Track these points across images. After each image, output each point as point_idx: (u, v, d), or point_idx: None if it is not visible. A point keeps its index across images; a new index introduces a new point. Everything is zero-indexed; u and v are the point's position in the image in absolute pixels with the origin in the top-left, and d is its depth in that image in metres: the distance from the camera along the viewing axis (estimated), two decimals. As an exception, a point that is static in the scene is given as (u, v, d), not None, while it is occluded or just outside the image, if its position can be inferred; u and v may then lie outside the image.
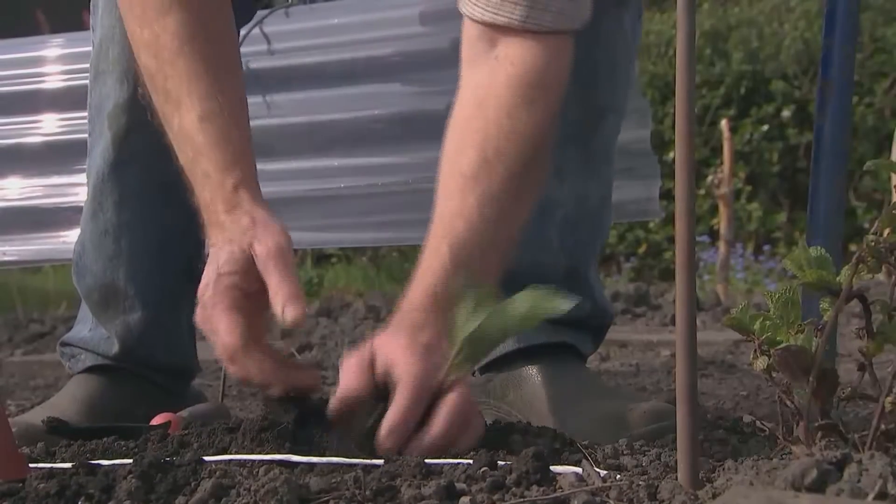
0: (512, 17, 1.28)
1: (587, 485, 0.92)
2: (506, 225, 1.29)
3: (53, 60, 2.21)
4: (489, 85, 1.31)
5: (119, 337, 1.58)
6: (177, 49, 1.27)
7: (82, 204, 2.12)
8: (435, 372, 1.15)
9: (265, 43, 2.09)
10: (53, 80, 2.21)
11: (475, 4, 1.31)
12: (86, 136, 2.13)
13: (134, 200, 1.57)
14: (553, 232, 1.52)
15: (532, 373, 1.49)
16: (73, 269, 1.64)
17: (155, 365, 1.60)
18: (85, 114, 2.13)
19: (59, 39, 2.24)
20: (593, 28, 1.38)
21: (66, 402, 1.52)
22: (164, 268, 1.60)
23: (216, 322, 1.18)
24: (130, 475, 0.96)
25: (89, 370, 1.59)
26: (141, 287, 1.58)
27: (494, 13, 1.29)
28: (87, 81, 2.15)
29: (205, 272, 1.23)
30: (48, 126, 2.20)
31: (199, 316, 1.21)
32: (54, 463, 1.15)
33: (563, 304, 1.14)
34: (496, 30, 1.30)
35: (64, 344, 1.65)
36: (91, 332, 1.61)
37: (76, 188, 2.15)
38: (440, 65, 2.04)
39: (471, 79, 1.34)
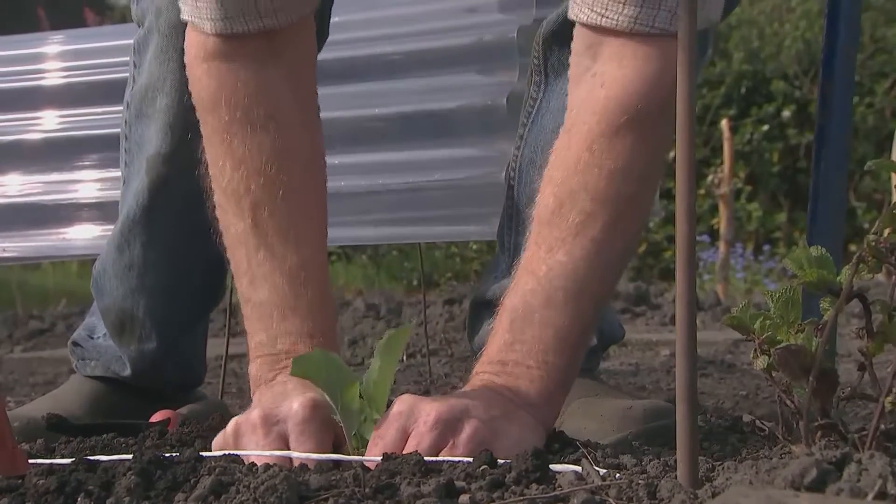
0: (619, 19, 1.11)
1: (586, 483, 0.92)
2: (583, 286, 1.12)
3: (54, 57, 2.21)
4: (579, 109, 1.15)
5: (132, 361, 1.58)
6: (273, 175, 1.19)
7: (82, 200, 2.13)
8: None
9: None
10: (53, 76, 2.20)
11: (582, 5, 1.15)
12: (85, 132, 2.14)
13: (162, 244, 1.56)
14: None
15: None
16: (93, 284, 1.63)
17: (164, 383, 1.61)
18: (85, 110, 2.15)
19: (59, 36, 2.24)
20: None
21: (71, 397, 1.52)
22: (184, 306, 1.60)
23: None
24: (130, 472, 0.96)
25: (94, 377, 1.59)
26: (159, 321, 1.58)
27: (601, 15, 1.12)
28: (87, 78, 2.16)
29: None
30: (48, 123, 2.20)
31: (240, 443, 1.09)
32: (54, 459, 1.15)
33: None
34: (601, 34, 1.14)
35: (76, 344, 1.64)
36: (106, 340, 1.61)
37: (76, 185, 2.15)
38: (441, 63, 2.04)
39: (571, 100, 1.18)
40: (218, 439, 1.12)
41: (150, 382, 1.59)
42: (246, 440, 1.08)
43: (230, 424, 1.10)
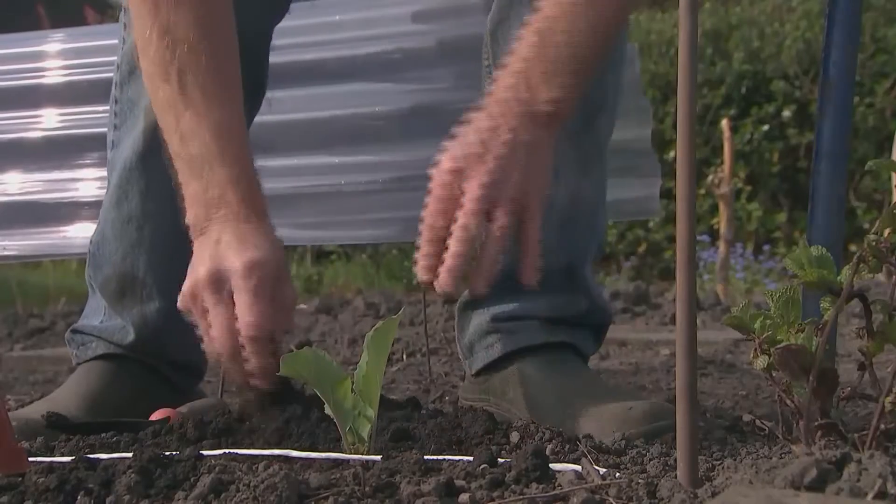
0: None
1: (586, 483, 0.92)
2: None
3: (54, 55, 2.21)
4: None
5: (135, 326, 1.58)
6: (195, 42, 1.32)
7: (83, 199, 2.13)
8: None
9: (266, 39, 2.08)
10: (54, 75, 2.20)
11: None
12: (85, 131, 2.14)
13: (160, 190, 1.57)
14: (549, 232, 1.51)
15: (531, 371, 1.48)
16: (89, 261, 1.64)
17: (167, 358, 1.61)
18: (85, 109, 2.15)
19: (59, 34, 2.24)
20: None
21: (67, 396, 1.52)
22: (185, 259, 1.60)
23: (237, 309, 1.24)
24: (130, 470, 0.96)
25: (97, 358, 1.59)
26: (161, 277, 1.58)
27: None
28: (88, 77, 2.16)
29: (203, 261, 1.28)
30: (48, 121, 2.20)
31: (198, 304, 1.28)
32: (54, 457, 1.15)
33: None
34: None
35: (75, 331, 1.64)
36: (104, 322, 1.62)
37: (76, 183, 2.15)
38: (441, 62, 2.04)
39: None
40: (181, 303, 1.30)
41: (153, 351, 1.59)
42: (204, 299, 1.27)
43: (186, 287, 1.29)
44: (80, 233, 2.12)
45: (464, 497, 0.89)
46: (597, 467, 1.00)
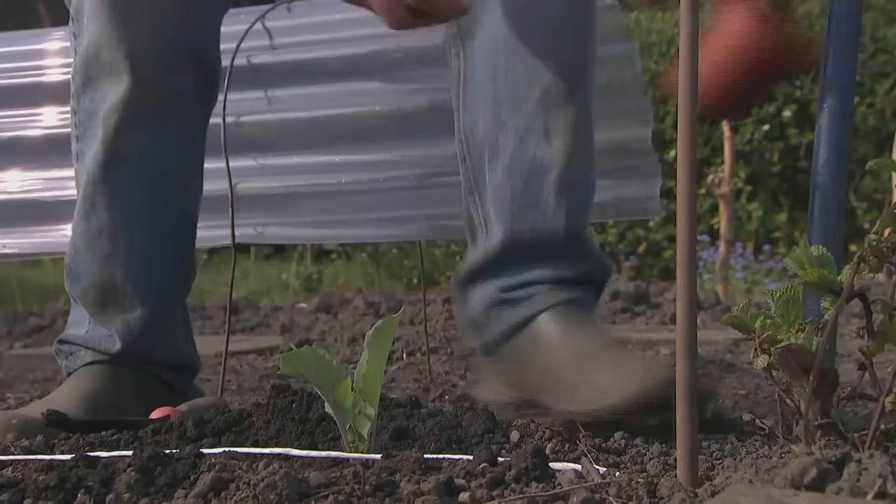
0: None
1: (586, 481, 0.92)
2: None
3: (54, 53, 2.21)
4: None
5: (120, 335, 1.58)
6: None
7: (83, 197, 2.13)
8: None
9: (267, 38, 2.09)
10: (54, 73, 2.21)
11: None
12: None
13: (126, 200, 1.58)
14: (549, 195, 1.51)
15: (549, 329, 1.45)
16: (66, 273, 1.64)
17: (155, 361, 1.61)
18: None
19: (59, 32, 2.24)
20: None
21: (66, 396, 1.52)
22: (160, 265, 1.61)
23: None
24: (130, 468, 0.96)
25: (89, 365, 1.59)
26: (139, 285, 1.58)
27: None
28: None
29: None
30: (49, 119, 2.20)
31: None
32: (54, 455, 1.15)
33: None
34: None
35: (62, 342, 1.64)
36: (89, 332, 1.61)
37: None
38: (442, 61, 2.04)
39: None
40: None
41: (142, 357, 1.58)
42: None
43: None
44: (81, 231, 2.12)
45: (464, 496, 0.89)
46: (597, 466, 1.00)
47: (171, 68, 1.56)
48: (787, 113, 7.48)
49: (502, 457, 1.03)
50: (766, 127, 7.49)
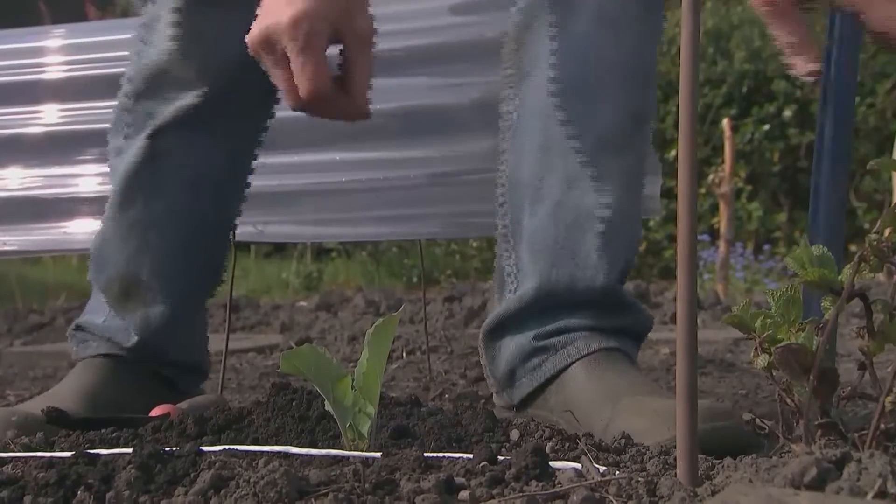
0: None
1: (586, 480, 0.92)
2: None
3: (55, 51, 2.21)
4: None
5: (138, 329, 1.58)
6: None
7: (83, 194, 2.13)
8: None
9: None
10: (54, 70, 2.20)
11: None
12: (86, 126, 2.14)
13: (163, 196, 1.58)
14: (592, 245, 1.44)
15: (577, 374, 1.39)
16: (92, 261, 1.63)
17: (168, 360, 1.61)
18: (85, 104, 2.15)
19: (60, 30, 2.24)
20: (636, 30, 1.35)
21: (66, 393, 1.52)
22: (189, 263, 1.61)
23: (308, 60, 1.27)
24: (130, 465, 0.96)
25: (93, 358, 1.59)
26: (165, 281, 1.58)
27: None
28: (88, 72, 2.16)
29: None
30: (49, 116, 2.20)
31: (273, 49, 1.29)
32: (54, 452, 1.15)
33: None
34: None
35: (77, 328, 1.63)
36: (106, 322, 1.61)
37: (77, 178, 2.15)
38: (443, 60, 2.04)
39: None
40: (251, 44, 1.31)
41: (156, 353, 1.58)
42: (263, 59, 1.31)
43: (248, 42, 1.30)
44: (80, 228, 2.12)
45: (464, 494, 0.89)
46: (597, 465, 1.00)
47: (238, 84, 1.56)
48: (787, 113, 7.48)
49: (502, 455, 1.03)
50: (767, 127, 7.49)
